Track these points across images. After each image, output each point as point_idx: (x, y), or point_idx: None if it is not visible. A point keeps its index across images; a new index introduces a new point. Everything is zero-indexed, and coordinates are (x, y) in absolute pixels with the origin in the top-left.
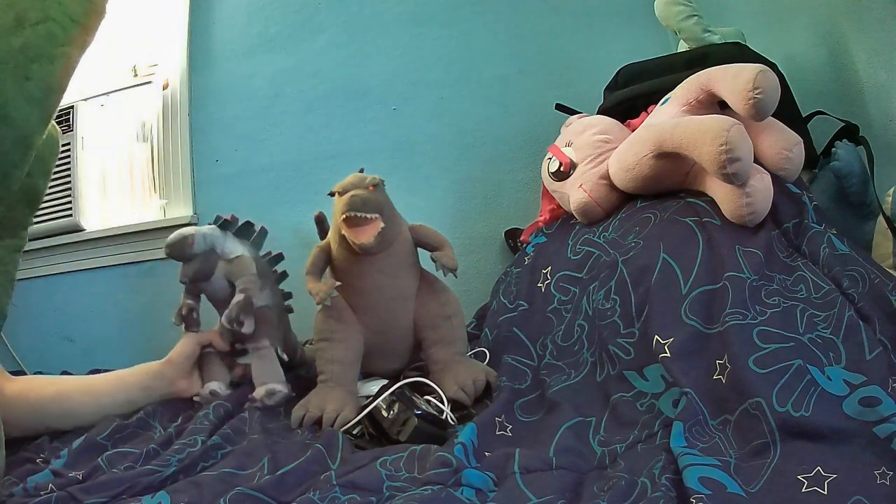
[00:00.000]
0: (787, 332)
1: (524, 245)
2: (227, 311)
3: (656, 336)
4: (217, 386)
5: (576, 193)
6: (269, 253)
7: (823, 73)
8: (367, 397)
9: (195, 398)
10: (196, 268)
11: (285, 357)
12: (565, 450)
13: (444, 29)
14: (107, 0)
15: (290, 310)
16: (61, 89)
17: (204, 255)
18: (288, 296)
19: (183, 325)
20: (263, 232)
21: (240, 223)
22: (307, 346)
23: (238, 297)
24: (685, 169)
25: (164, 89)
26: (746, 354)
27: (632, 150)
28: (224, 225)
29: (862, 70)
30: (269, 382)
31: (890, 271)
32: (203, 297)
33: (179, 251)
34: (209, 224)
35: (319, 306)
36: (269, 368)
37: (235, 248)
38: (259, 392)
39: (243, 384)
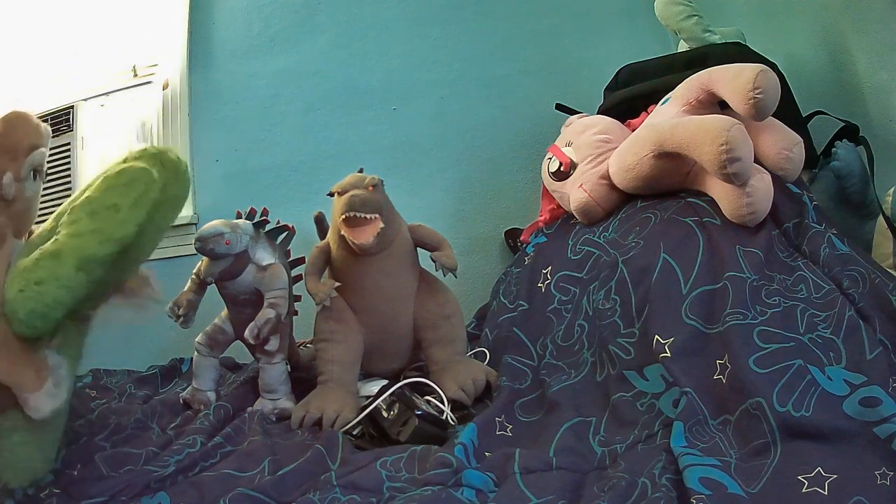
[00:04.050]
0: (787, 332)
1: (524, 245)
2: (254, 325)
3: (656, 336)
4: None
5: (576, 193)
6: (289, 253)
7: (823, 73)
8: (368, 398)
9: (183, 395)
10: (225, 267)
11: (289, 367)
12: (565, 450)
13: (444, 29)
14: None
15: (295, 312)
16: None
17: (236, 257)
18: (297, 299)
19: (177, 321)
20: (292, 234)
21: (271, 223)
22: (303, 347)
23: (268, 312)
24: (685, 169)
25: (164, 89)
26: (747, 354)
27: (632, 150)
28: (258, 224)
29: (862, 70)
30: (281, 396)
31: (890, 271)
32: (204, 293)
33: (212, 249)
34: (243, 219)
35: (319, 307)
36: (278, 381)
37: (267, 254)
38: (266, 406)
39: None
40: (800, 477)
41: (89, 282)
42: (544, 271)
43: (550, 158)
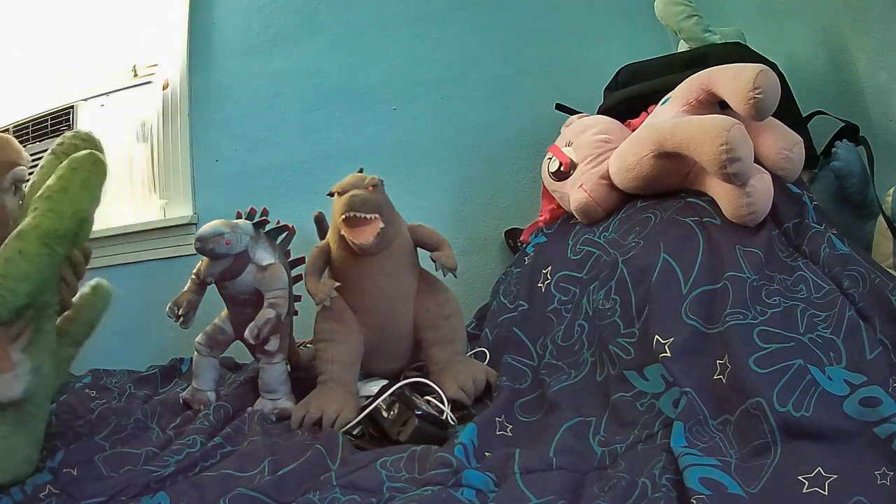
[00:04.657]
0: (787, 332)
1: (524, 245)
2: (254, 325)
3: (657, 336)
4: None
5: (576, 193)
6: (289, 253)
7: (823, 73)
8: (368, 398)
9: (183, 395)
10: (225, 267)
11: (289, 367)
12: (565, 450)
13: (444, 29)
14: None
15: (295, 312)
16: None
17: (236, 257)
18: (297, 299)
19: (177, 321)
20: (292, 234)
21: (271, 223)
22: (303, 347)
23: (268, 312)
24: (685, 169)
25: (164, 89)
26: (747, 354)
27: (632, 150)
28: (258, 224)
29: (862, 70)
30: (281, 396)
31: (890, 271)
32: (204, 293)
33: (212, 249)
34: (243, 220)
35: (319, 307)
36: (278, 381)
37: (267, 254)
38: (266, 406)
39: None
40: (800, 477)
41: (52, 256)
42: (544, 271)
43: (550, 158)
